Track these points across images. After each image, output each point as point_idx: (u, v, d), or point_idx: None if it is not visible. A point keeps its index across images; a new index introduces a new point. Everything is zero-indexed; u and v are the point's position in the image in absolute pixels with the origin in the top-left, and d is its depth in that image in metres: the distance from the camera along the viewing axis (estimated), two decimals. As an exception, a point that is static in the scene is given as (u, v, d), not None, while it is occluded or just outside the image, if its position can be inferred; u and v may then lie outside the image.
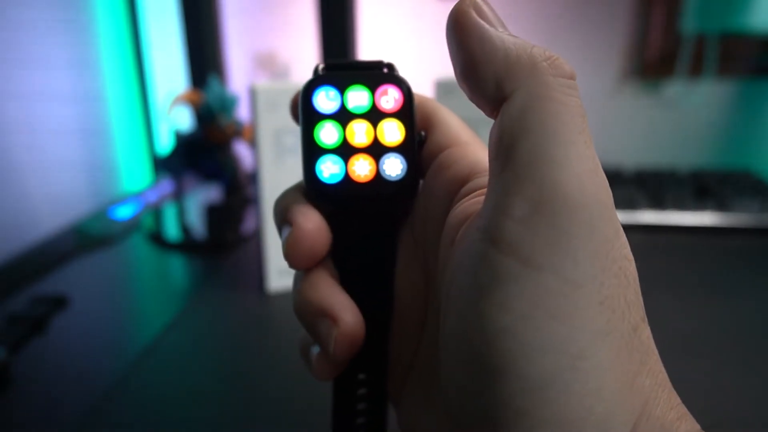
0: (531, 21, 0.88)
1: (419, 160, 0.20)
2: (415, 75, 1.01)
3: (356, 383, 0.22)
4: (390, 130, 0.19)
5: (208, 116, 0.66)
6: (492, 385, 0.13)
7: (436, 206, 0.19)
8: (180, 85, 0.91)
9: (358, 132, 0.19)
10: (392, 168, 0.19)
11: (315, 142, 0.19)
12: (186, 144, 0.69)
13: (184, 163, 0.69)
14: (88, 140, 0.79)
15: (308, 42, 0.88)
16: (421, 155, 0.21)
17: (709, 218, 0.65)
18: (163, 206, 0.74)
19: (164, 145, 0.93)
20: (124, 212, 0.72)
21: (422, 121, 0.21)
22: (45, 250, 0.63)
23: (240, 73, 0.94)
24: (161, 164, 0.72)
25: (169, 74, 0.93)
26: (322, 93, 0.20)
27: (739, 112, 0.88)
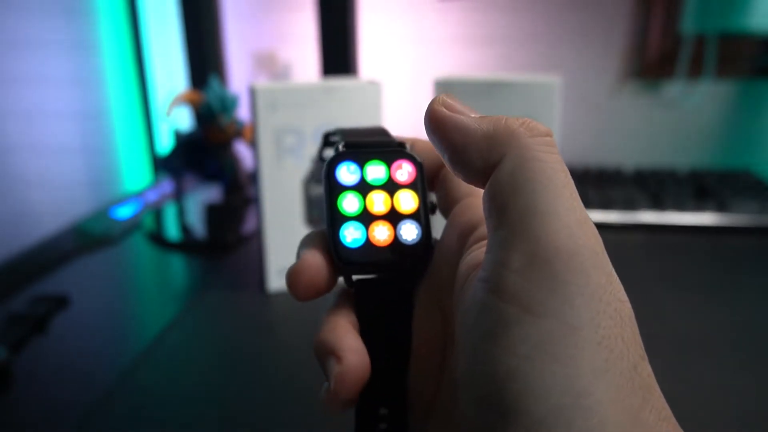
0: (531, 21, 0.88)
1: (431, 225, 0.22)
2: (415, 75, 1.01)
3: (377, 418, 0.22)
4: (405, 200, 0.22)
5: (208, 116, 0.66)
6: (501, 422, 0.14)
7: (451, 253, 0.21)
8: (180, 85, 0.91)
9: (377, 201, 0.21)
10: (408, 233, 0.21)
11: (338, 211, 0.21)
12: (186, 144, 0.69)
13: (184, 163, 0.69)
14: (88, 140, 0.79)
15: (308, 42, 0.88)
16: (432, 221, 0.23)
17: (708, 218, 0.65)
18: (163, 206, 0.74)
19: (164, 145, 0.94)
20: (125, 212, 0.72)
21: (437, 178, 0.24)
22: (46, 249, 0.63)
23: (240, 73, 0.94)
24: (161, 164, 0.72)
25: (169, 74, 0.93)
26: (344, 167, 0.22)
27: (739, 113, 0.88)
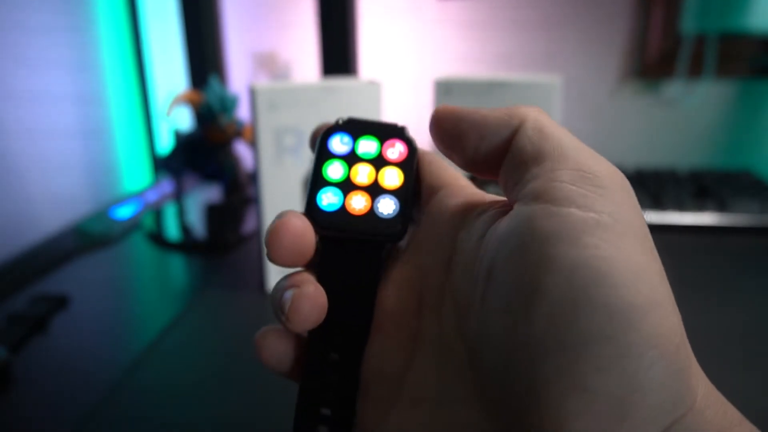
0: (531, 21, 0.88)
1: (412, 209, 0.22)
2: (415, 75, 1.01)
3: (319, 418, 0.22)
4: (390, 176, 0.22)
5: (208, 116, 0.66)
6: (591, 312, 0.14)
7: (438, 239, 0.21)
8: (180, 85, 0.91)
9: (361, 173, 0.22)
10: (385, 207, 0.21)
11: (322, 175, 0.22)
12: (186, 144, 0.69)
13: (184, 163, 0.69)
14: (88, 140, 0.79)
15: (308, 42, 0.88)
16: (416, 207, 0.23)
17: (708, 218, 0.65)
18: (163, 206, 0.74)
19: (164, 145, 0.94)
20: (125, 212, 0.72)
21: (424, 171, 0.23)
22: (46, 249, 0.63)
23: (240, 73, 0.94)
24: (161, 164, 0.72)
25: (169, 74, 0.93)
26: (338, 138, 0.22)
27: (739, 112, 0.88)
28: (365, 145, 0.22)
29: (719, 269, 0.55)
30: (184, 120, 0.79)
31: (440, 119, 0.20)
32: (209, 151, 0.69)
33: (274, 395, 0.37)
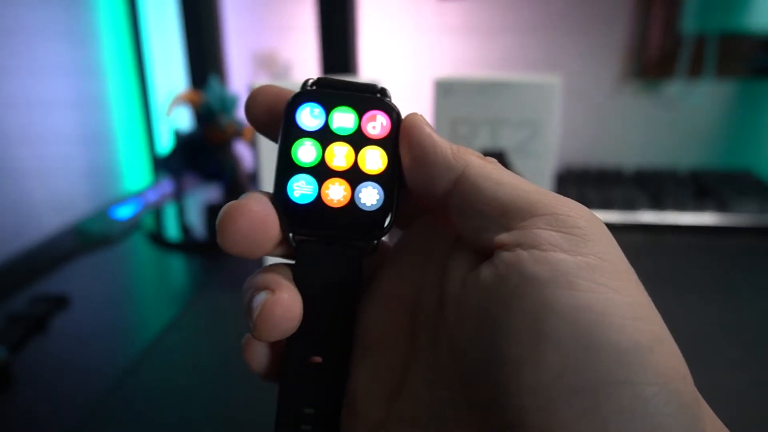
0: (532, 21, 0.88)
1: (398, 197, 0.19)
2: (416, 74, 1.01)
3: (302, 417, 0.20)
4: (372, 158, 0.19)
5: (208, 116, 0.66)
6: (588, 355, 0.14)
7: (431, 246, 0.19)
8: (180, 85, 0.91)
9: (337, 154, 0.19)
10: (368, 197, 0.18)
11: (291, 159, 0.19)
12: (186, 144, 0.69)
13: (184, 163, 0.69)
14: (88, 140, 0.79)
15: (308, 42, 0.88)
16: (402, 192, 0.19)
17: (709, 218, 0.65)
18: (163, 206, 0.74)
19: (164, 145, 0.94)
20: (125, 212, 0.72)
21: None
22: (46, 250, 0.63)
23: (240, 73, 0.94)
24: (161, 164, 0.72)
25: (169, 74, 0.93)
26: (307, 109, 0.19)
27: (739, 112, 0.88)
28: (340, 118, 0.19)
29: (719, 269, 0.55)
30: (184, 120, 0.79)
31: (410, 123, 0.19)
32: (209, 151, 0.69)
33: (274, 395, 0.37)
